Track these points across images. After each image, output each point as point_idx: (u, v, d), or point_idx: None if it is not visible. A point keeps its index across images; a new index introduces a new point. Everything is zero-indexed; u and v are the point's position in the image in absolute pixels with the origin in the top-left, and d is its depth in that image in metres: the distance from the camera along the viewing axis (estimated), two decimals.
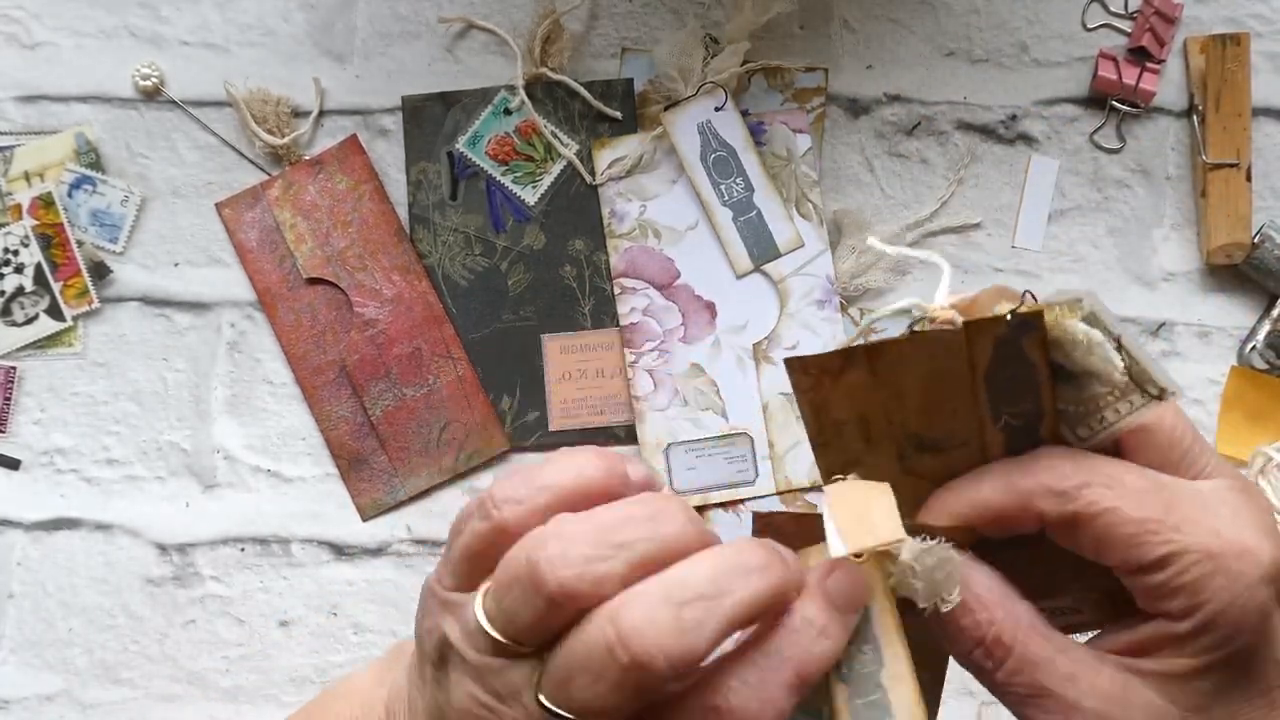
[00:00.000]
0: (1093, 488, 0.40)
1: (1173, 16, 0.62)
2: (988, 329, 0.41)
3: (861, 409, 0.43)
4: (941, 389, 0.43)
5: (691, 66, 0.61)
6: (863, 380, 0.42)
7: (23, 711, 0.59)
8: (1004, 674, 0.40)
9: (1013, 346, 0.41)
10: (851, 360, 0.42)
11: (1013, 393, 0.42)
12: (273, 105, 0.61)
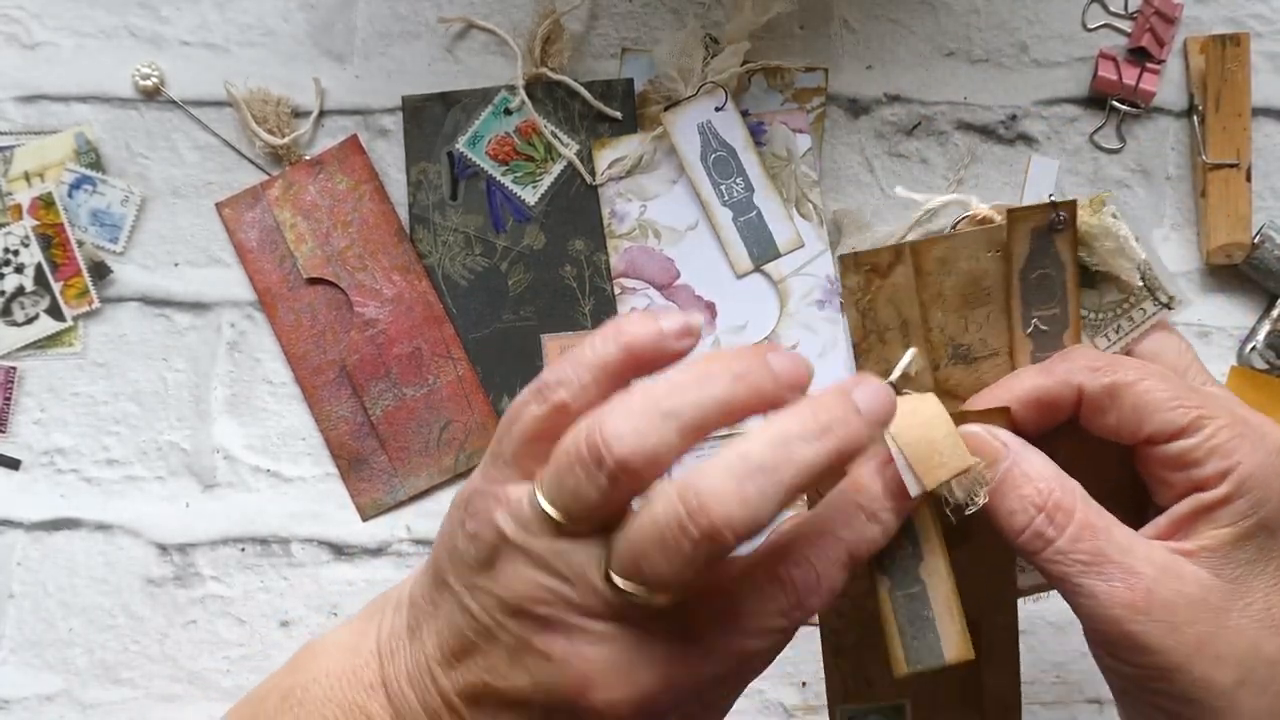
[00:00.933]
0: (1126, 368, 0.44)
1: (1173, 16, 0.62)
2: (1028, 217, 0.45)
3: (905, 312, 0.46)
4: (978, 292, 0.46)
5: (691, 66, 0.62)
6: (908, 280, 0.45)
7: (23, 711, 0.59)
8: (1067, 540, 0.42)
9: (1047, 241, 0.45)
10: (899, 256, 0.45)
11: (1044, 293, 0.45)
12: (273, 105, 0.61)
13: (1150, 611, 0.41)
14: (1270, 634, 0.42)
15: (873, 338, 0.47)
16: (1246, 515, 0.42)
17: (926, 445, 0.41)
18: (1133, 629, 0.41)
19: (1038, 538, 0.42)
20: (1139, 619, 0.41)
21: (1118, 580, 0.41)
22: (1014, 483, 0.42)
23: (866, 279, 0.46)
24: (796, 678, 0.60)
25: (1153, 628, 0.41)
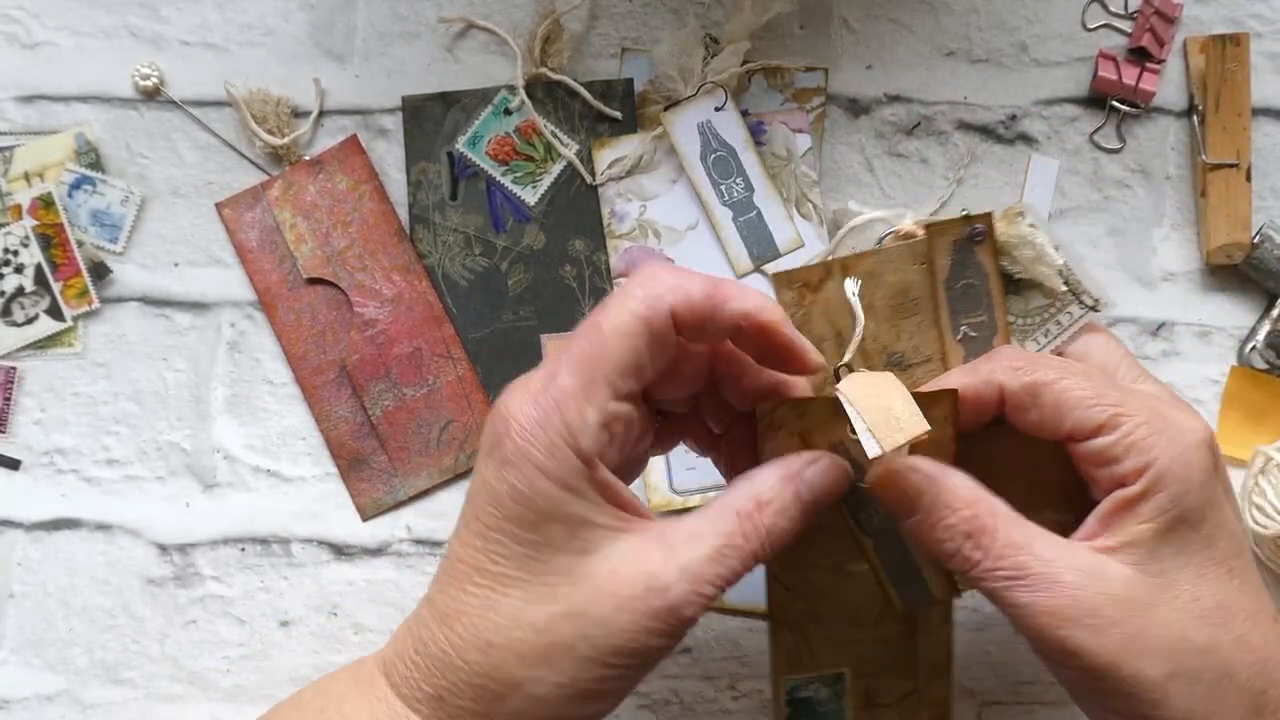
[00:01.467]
0: (1046, 367, 0.46)
1: (1173, 16, 0.62)
2: (946, 231, 0.48)
3: (838, 324, 0.50)
4: (907, 302, 0.49)
5: (691, 66, 0.62)
6: (838, 294, 0.49)
7: (23, 711, 0.60)
8: (991, 560, 0.44)
9: (968, 252, 0.48)
10: (829, 272, 0.49)
11: (969, 301, 0.48)
12: (273, 105, 0.62)
13: (1075, 617, 0.43)
14: (1199, 624, 0.43)
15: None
16: (1165, 510, 0.44)
17: (884, 412, 0.43)
18: (1059, 634, 0.43)
19: (965, 560, 0.44)
20: (1065, 625, 0.43)
21: (1041, 590, 0.43)
22: (938, 513, 0.44)
23: (799, 294, 0.49)
24: None
25: (1078, 632, 0.43)
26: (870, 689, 0.53)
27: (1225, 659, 0.44)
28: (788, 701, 0.52)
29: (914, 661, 0.53)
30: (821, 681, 0.52)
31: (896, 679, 0.53)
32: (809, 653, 0.51)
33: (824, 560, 0.49)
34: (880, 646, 0.52)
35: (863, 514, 0.48)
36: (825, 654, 0.52)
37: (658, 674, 0.60)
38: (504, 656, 0.42)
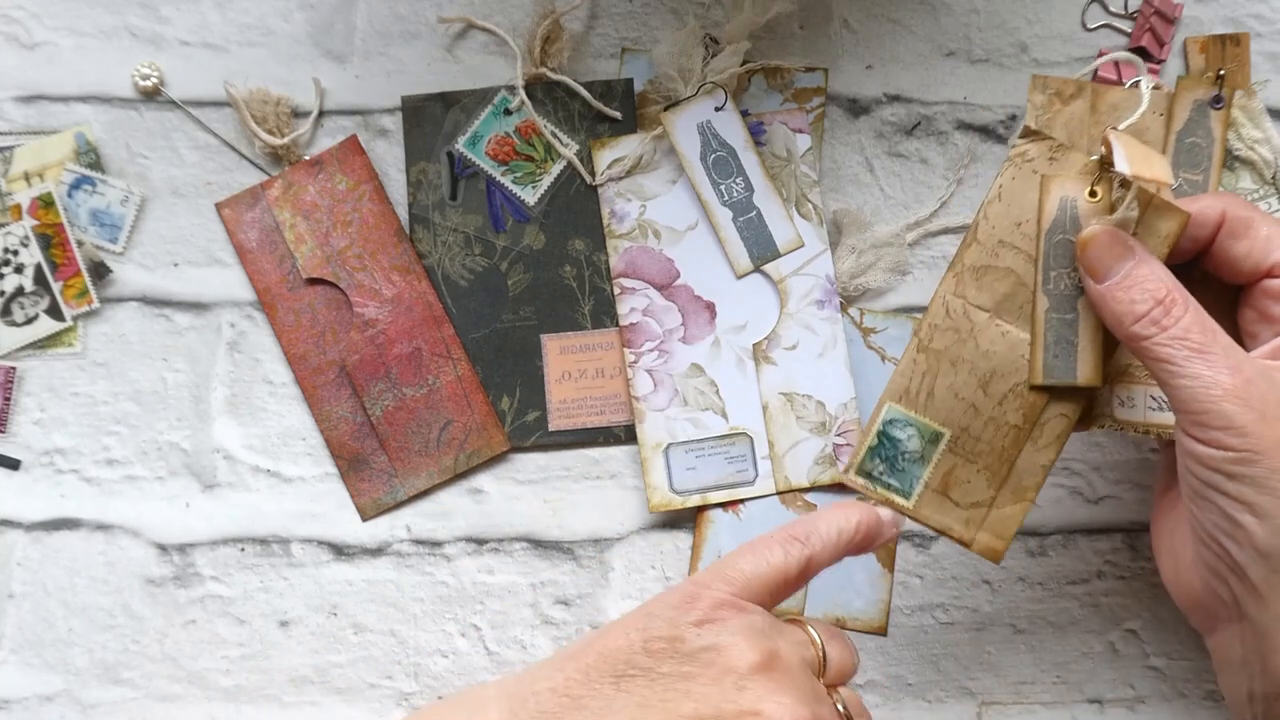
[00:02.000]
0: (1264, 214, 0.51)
1: (1173, 17, 0.62)
2: (1194, 88, 0.54)
3: (1074, 137, 0.54)
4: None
5: (691, 66, 0.62)
6: (1083, 113, 0.53)
7: (23, 711, 0.60)
8: (1180, 328, 0.47)
9: (1204, 114, 0.53)
10: (1081, 91, 0.53)
11: (1191, 158, 0.53)
12: (273, 105, 0.62)
13: (1247, 398, 0.46)
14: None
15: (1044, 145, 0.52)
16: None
17: (1143, 154, 0.48)
18: (1228, 408, 0.46)
19: (1153, 324, 0.47)
20: (1235, 401, 0.46)
21: (1220, 368, 0.47)
22: (1140, 277, 0.48)
23: (1050, 100, 0.54)
24: None
25: (1247, 412, 0.46)
26: (952, 474, 0.53)
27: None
28: (879, 432, 0.53)
29: (1008, 468, 0.53)
30: (920, 430, 0.53)
31: (981, 478, 0.53)
32: (928, 393, 0.53)
33: (990, 301, 0.52)
34: (990, 429, 0.53)
35: (1053, 274, 0.51)
36: (941, 403, 0.53)
37: None
38: None
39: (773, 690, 0.43)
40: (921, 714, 0.60)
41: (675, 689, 0.43)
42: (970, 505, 0.53)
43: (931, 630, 0.60)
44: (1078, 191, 0.50)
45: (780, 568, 0.46)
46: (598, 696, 0.43)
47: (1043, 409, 0.52)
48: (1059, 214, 0.50)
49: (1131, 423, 0.53)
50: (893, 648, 0.60)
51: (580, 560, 0.60)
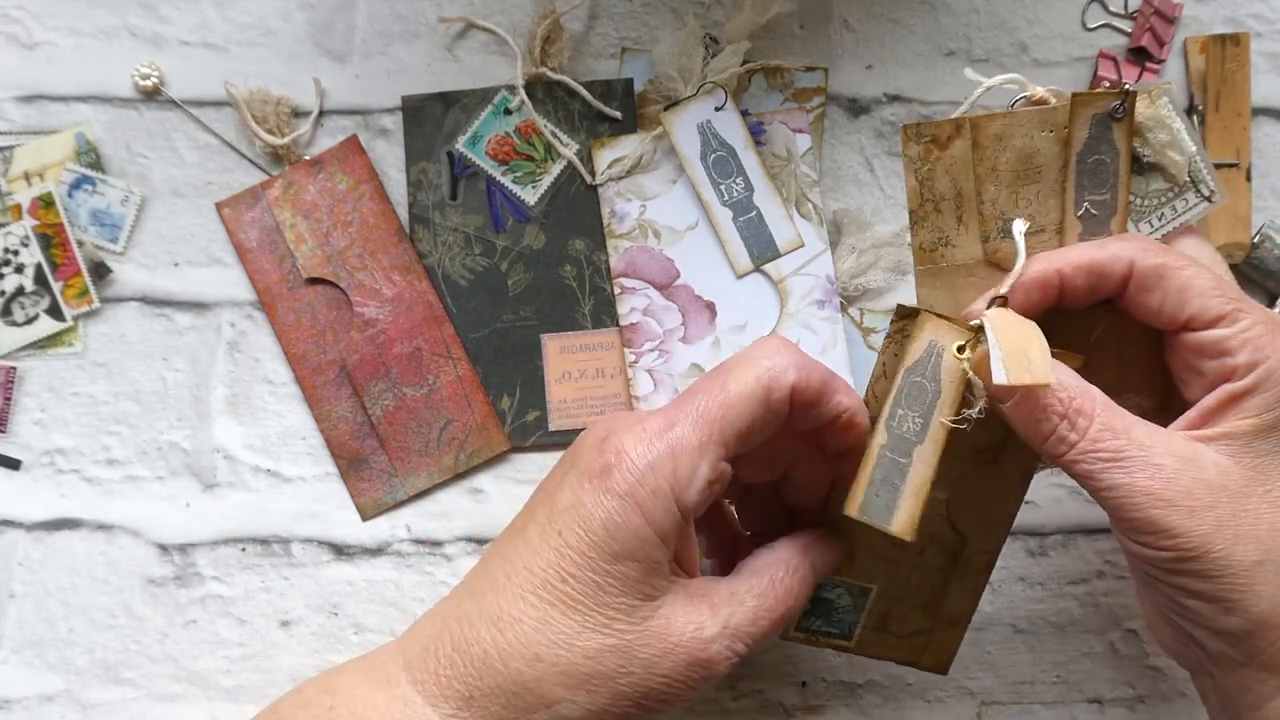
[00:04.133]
0: (1175, 254, 0.47)
1: (1173, 16, 0.62)
2: (1091, 103, 0.49)
3: (959, 183, 0.50)
4: (1030, 170, 0.50)
5: (691, 66, 0.62)
6: (965, 153, 0.50)
7: (23, 711, 0.60)
8: (1089, 441, 0.45)
9: (1105, 128, 0.49)
10: (959, 129, 0.50)
11: (1096, 178, 0.49)
12: (273, 105, 0.61)
13: (1171, 499, 0.44)
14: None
15: (928, 206, 0.51)
16: (1270, 408, 0.45)
17: (1020, 350, 0.45)
18: (1154, 514, 0.44)
19: (1061, 442, 0.46)
20: (1160, 505, 0.44)
21: (1139, 472, 0.45)
22: (1038, 395, 0.46)
23: (926, 149, 0.50)
24: (796, 678, 0.60)
25: (1173, 513, 0.44)
26: (888, 614, 0.54)
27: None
28: (813, 597, 0.54)
29: (939, 602, 0.53)
30: (848, 589, 0.54)
31: (915, 613, 0.54)
32: (849, 556, 0.53)
33: None
34: (916, 575, 0.53)
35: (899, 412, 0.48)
36: (863, 564, 0.53)
37: None
38: (547, 672, 0.44)
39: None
40: (921, 714, 0.60)
41: None
42: (910, 634, 0.54)
43: None
44: (948, 342, 0.47)
45: None
46: None
47: (962, 550, 0.52)
48: (923, 356, 0.48)
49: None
50: None
51: None
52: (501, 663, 0.44)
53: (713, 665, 0.45)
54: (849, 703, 0.60)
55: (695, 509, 0.45)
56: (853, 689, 0.60)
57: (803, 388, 0.46)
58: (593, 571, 0.44)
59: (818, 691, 0.60)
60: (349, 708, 0.46)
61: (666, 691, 0.45)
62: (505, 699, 0.44)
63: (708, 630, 0.45)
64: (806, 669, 0.60)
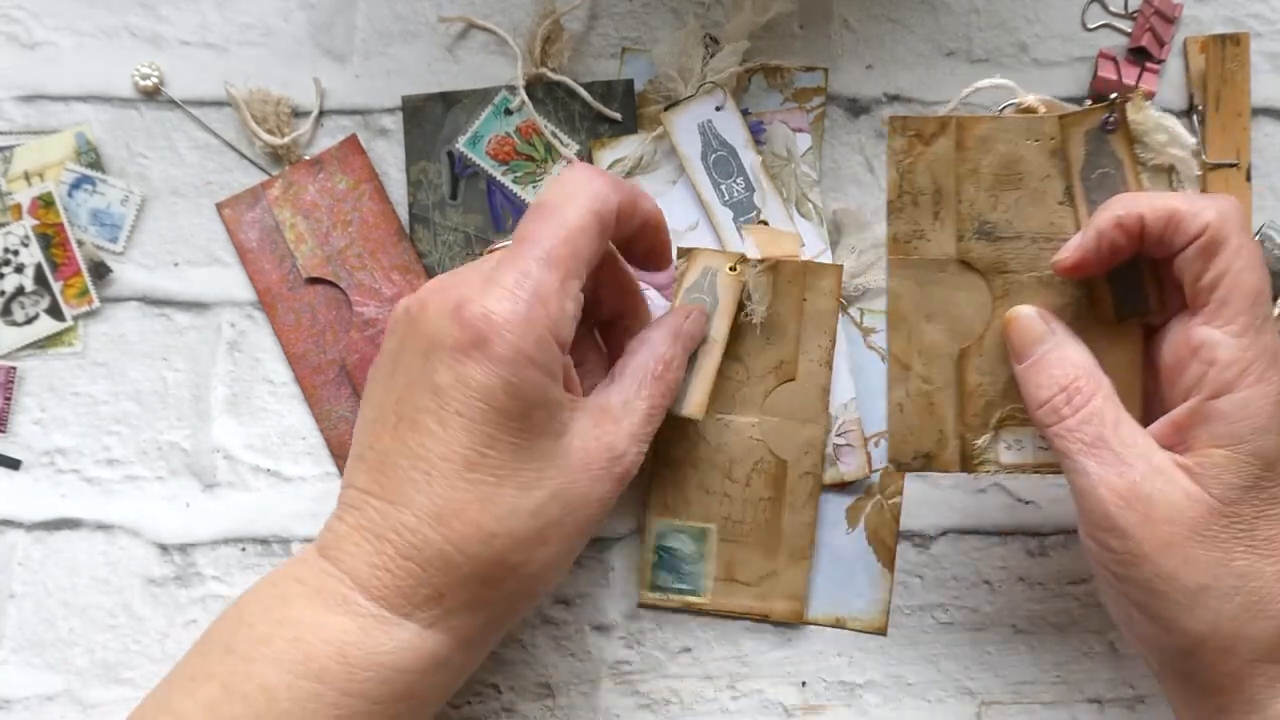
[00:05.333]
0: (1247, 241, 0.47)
1: (1173, 16, 0.62)
2: (1079, 122, 0.50)
3: (939, 180, 0.52)
4: (1012, 175, 0.51)
5: (691, 66, 0.62)
6: (948, 151, 0.51)
7: (23, 711, 0.60)
8: (1077, 420, 0.47)
9: (1101, 142, 0.50)
10: (944, 128, 0.51)
11: (1107, 190, 0.50)
12: (273, 105, 0.61)
13: (1131, 501, 0.45)
14: (1246, 551, 0.46)
15: (906, 199, 0.52)
16: (1241, 440, 0.45)
17: (771, 238, 0.56)
18: (1112, 510, 0.46)
19: (1053, 413, 0.48)
20: (1119, 503, 0.46)
21: (1109, 465, 0.46)
22: (1049, 363, 0.48)
23: (910, 143, 0.52)
24: (796, 677, 0.60)
25: (1129, 514, 0.45)
26: (732, 561, 0.57)
27: (1263, 587, 0.45)
28: (655, 548, 0.58)
29: (777, 538, 0.57)
30: (688, 533, 0.57)
31: (756, 555, 0.57)
32: (682, 499, 0.57)
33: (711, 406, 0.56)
34: (748, 510, 0.57)
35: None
36: (697, 503, 0.57)
37: (658, 674, 0.60)
38: (506, 545, 0.45)
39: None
40: (921, 714, 0.60)
41: None
42: (759, 580, 0.57)
43: (931, 630, 0.60)
44: (720, 265, 0.56)
45: None
46: None
47: (784, 476, 0.56)
48: (699, 278, 0.56)
49: (1019, 465, 0.52)
50: (893, 648, 0.60)
51: (580, 560, 0.60)
52: (461, 554, 0.45)
53: (631, 471, 0.50)
54: (849, 703, 0.60)
55: (570, 340, 0.48)
56: (852, 689, 0.60)
57: (624, 206, 0.49)
58: (509, 435, 0.45)
59: (818, 691, 0.60)
60: (316, 635, 0.45)
61: (602, 510, 0.49)
62: (475, 583, 0.46)
63: (619, 445, 0.49)
64: (806, 669, 0.60)
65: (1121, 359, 0.50)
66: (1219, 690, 0.47)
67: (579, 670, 0.60)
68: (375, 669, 0.45)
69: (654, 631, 0.60)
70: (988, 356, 0.51)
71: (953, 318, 0.51)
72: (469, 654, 0.48)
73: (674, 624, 0.60)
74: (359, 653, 0.45)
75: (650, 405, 0.51)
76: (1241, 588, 0.45)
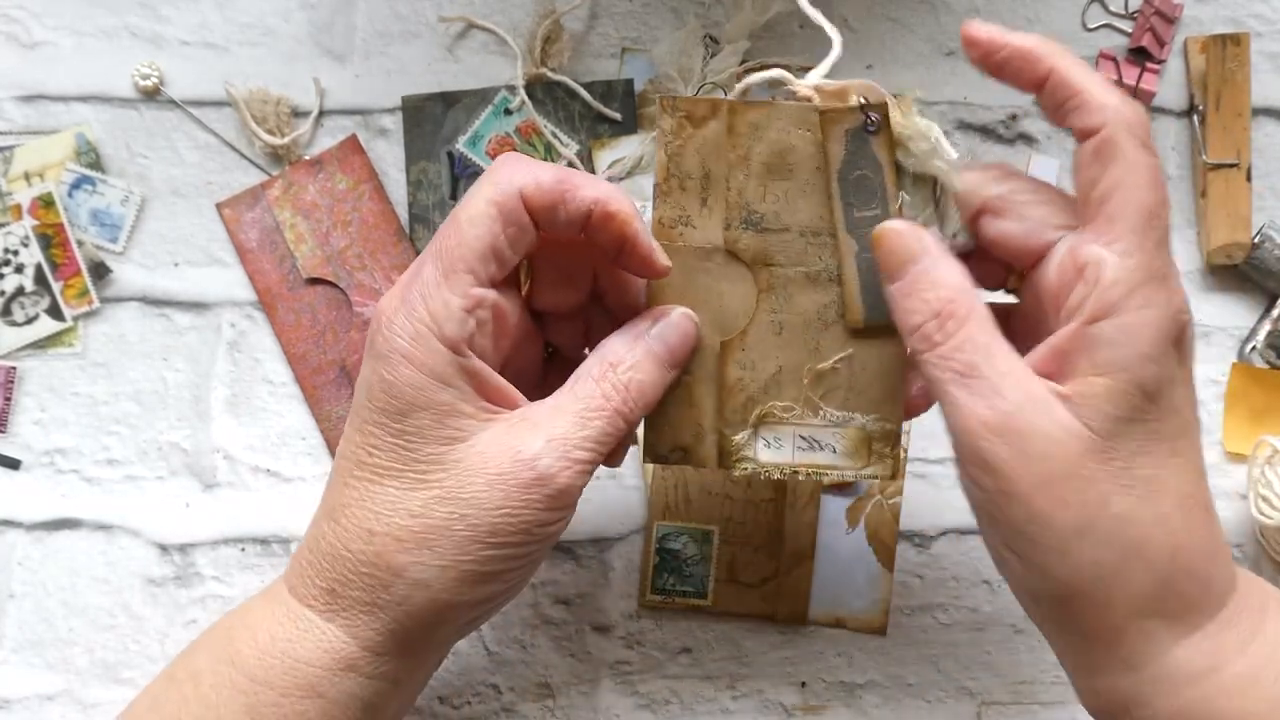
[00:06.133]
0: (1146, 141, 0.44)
1: (1173, 16, 0.62)
2: (840, 119, 0.47)
3: (709, 165, 0.49)
4: (782, 166, 0.48)
5: (691, 66, 0.62)
6: (719, 136, 0.48)
7: (23, 711, 0.60)
8: (949, 347, 0.43)
9: (863, 142, 0.47)
10: (715, 111, 0.48)
11: (864, 194, 0.47)
12: (273, 105, 0.62)
13: (1004, 434, 0.42)
14: (1124, 491, 0.42)
15: (674, 182, 0.49)
16: (1126, 368, 0.42)
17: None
18: (982, 445, 0.42)
19: (925, 339, 0.44)
20: (989, 437, 0.42)
21: (980, 396, 0.42)
22: (921, 285, 0.44)
23: (679, 124, 0.49)
24: (796, 678, 0.60)
25: (1001, 449, 0.42)
26: (735, 562, 0.57)
27: (1141, 532, 0.42)
28: (657, 550, 0.58)
29: (779, 541, 0.57)
30: (691, 535, 0.57)
31: (760, 557, 0.57)
32: (685, 500, 0.56)
33: None
34: (750, 510, 0.56)
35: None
36: (700, 504, 0.57)
37: (657, 674, 0.60)
38: (385, 543, 0.44)
39: None
40: (921, 714, 0.60)
41: None
42: (761, 582, 0.57)
43: (931, 630, 0.60)
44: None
45: None
46: None
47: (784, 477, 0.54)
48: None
49: (777, 464, 0.49)
50: (893, 648, 0.60)
51: (580, 560, 0.61)
52: (345, 548, 0.45)
53: (550, 479, 0.44)
54: (849, 703, 0.60)
55: (464, 339, 0.44)
56: (852, 689, 0.60)
57: (532, 191, 0.45)
58: (390, 435, 0.44)
59: (818, 691, 0.60)
60: (242, 620, 0.47)
61: (515, 522, 0.44)
62: (360, 581, 0.45)
63: (529, 448, 0.44)
64: (806, 669, 0.60)
65: (881, 364, 0.48)
66: (1095, 642, 0.44)
67: (579, 670, 0.60)
68: (279, 656, 0.45)
69: (654, 631, 0.60)
70: (750, 351, 0.48)
71: (716, 309, 0.49)
72: (382, 667, 0.46)
73: (674, 624, 0.60)
74: (266, 637, 0.46)
75: (583, 408, 0.45)
76: (1118, 533, 0.42)
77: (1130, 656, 0.43)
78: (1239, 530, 0.60)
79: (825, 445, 0.49)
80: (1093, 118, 0.44)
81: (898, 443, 0.48)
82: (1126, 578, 0.42)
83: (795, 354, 0.48)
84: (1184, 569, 0.43)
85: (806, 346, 0.48)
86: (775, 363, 0.48)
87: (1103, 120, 0.43)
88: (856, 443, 0.48)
